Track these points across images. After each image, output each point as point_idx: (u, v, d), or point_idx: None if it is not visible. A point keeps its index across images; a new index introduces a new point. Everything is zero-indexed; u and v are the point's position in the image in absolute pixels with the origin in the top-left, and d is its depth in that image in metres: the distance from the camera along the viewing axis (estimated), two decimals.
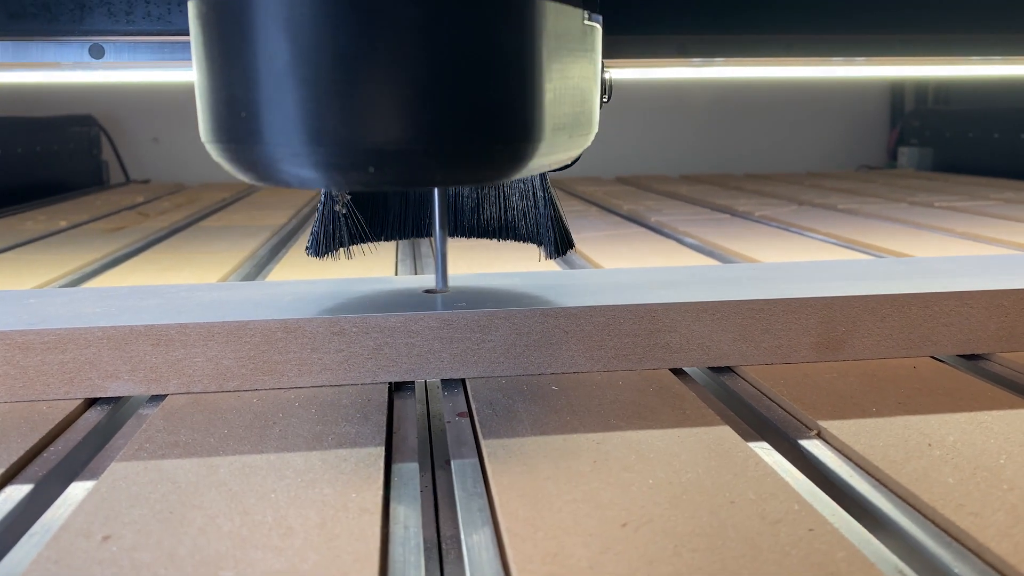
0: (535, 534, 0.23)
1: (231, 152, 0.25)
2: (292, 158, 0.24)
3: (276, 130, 0.24)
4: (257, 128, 0.24)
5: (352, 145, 0.24)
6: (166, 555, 0.22)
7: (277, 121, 0.24)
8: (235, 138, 0.25)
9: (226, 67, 0.24)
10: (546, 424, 0.31)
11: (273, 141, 0.24)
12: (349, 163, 0.24)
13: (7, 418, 0.33)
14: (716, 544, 0.23)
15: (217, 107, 0.25)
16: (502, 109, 0.25)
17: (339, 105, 0.23)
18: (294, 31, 0.23)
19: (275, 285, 0.42)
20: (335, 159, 0.24)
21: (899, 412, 0.32)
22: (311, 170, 0.24)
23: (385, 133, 0.24)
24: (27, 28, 0.52)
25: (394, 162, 0.24)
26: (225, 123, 0.25)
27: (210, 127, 0.26)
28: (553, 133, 0.27)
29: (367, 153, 0.24)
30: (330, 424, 0.31)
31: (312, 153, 0.24)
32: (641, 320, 0.37)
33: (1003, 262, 0.46)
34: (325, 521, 0.24)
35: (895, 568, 0.22)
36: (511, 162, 0.26)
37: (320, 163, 0.24)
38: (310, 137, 0.24)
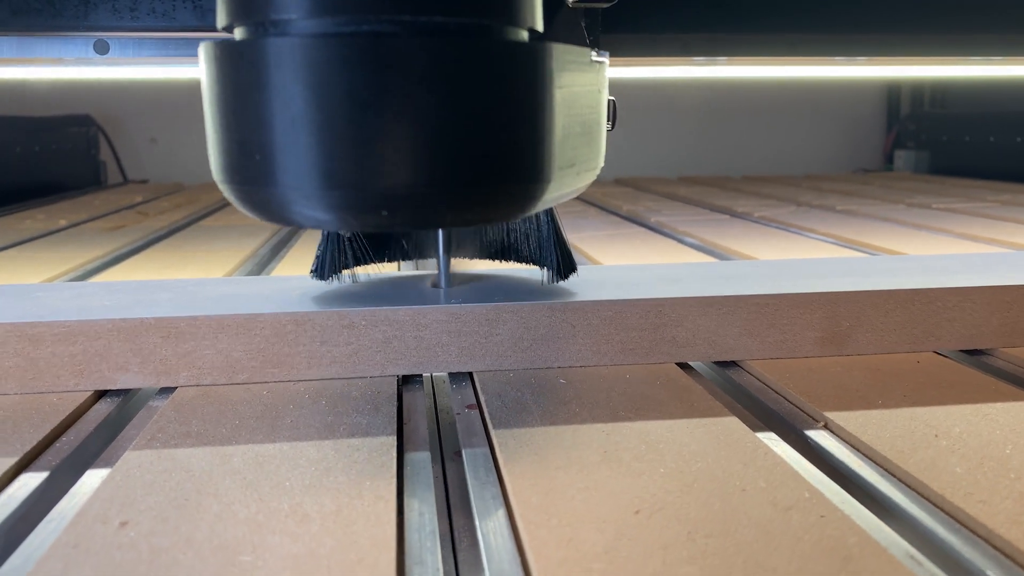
0: (549, 520, 0.23)
1: (244, 194, 0.26)
2: (305, 201, 0.25)
3: (290, 173, 0.24)
4: (270, 171, 0.24)
5: (365, 189, 0.24)
6: (184, 540, 0.23)
7: (291, 165, 0.24)
8: (248, 180, 0.25)
9: (240, 111, 0.25)
10: (555, 415, 0.31)
11: (286, 184, 0.24)
12: (362, 206, 0.25)
13: (18, 409, 0.33)
14: (729, 529, 0.23)
15: (230, 149, 0.25)
16: (512, 152, 0.25)
17: (353, 150, 0.24)
18: (309, 78, 0.23)
19: (283, 280, 0.42)
20: (348, 202, 0.24)
21: (904, 404, 0.32)
22: (324, 212, 0.25)
23: (398, 177, 0.24)
24: (31, 24, 0.52)
25: (406, 205, 0.25)
26: (238, 165, 0.25)
27: (223, 168, 0.26)
28: (562, 172, 0.27)
29: (380, 197, 0.24)
30: (341, 415, 0.32)
31: (325, 197, 0.24)
32: (648, 314, 0.37)
33: (1005, 259, 0.46)
34: (341, 508, 0.24)
35: (906, 553, 0.23)
36: (521, 202, 0.27)
37: (333, 206, 0.25)
38: (324, 181, 0.24)
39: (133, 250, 0.71)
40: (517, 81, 0.25)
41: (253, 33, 0.25)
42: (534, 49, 0.25)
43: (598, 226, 0.82)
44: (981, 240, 0.70)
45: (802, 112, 1.72)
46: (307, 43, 0.23)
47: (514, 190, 0.26)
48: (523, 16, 0.25)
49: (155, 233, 0.82)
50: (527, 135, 0.25)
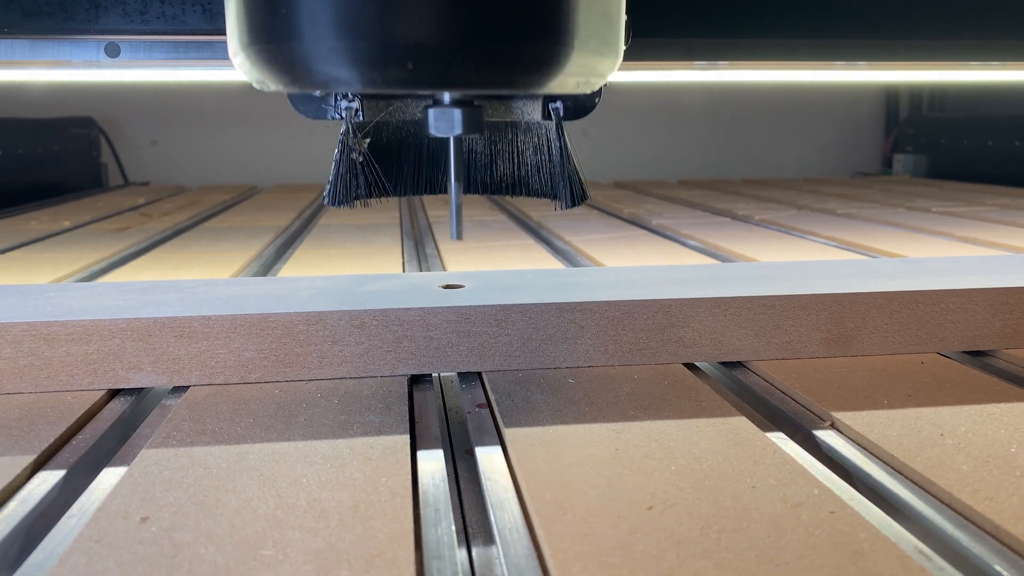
0: (564, 516, 0.24)
1: (268, 53, 0.25)
2: (330, 54, 0.24)
3: (315, 26, 0.24)
4: (296, 25, 0.24)
5: (390, 40, 0.24)
6: (205, 535, 0.23)
7: (316, 17, 0.24)
8: (273, 38, 0.25)
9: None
10: (565, 414, 0.32)
11: (312, 36, 0.24)
12: (386, 58, 0.24)
13: (34, 408, 0.33)
14: (741, 526, 0.23)
15: (255, 8, 0.25)
16: (538, 10, 0.25)
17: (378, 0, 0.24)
18: None
19: (294, 280, 0.42)
20: (373, 54, 0.24)
21: (910, 404, 0.33)
22: (349, 67, 0.24)
23: (422, 28, 0.24)
24: (42, 27, 0.53)
25: (430, 59, 0.24)
26: (262, 24, 0.25)
27: (245, 31, 0.26)
28: (584, 41, 0.27)
29: (405, 48, 0.24)
30: (354, 414, 0.32)
31: (350, 48, 0.24)
32: (655, 315, 0.38)
33: (1008, 262, 0.47)
34: (358, 504, 0.25)
35: (915, 548, 0.23)
36: (544, 65, 0.26)
37: (358, 59, 0.24)
38: (349, 31, 0.24)
39: (139, 251, 0.71)
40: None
41: None
42: None
43: (601, 229, 0.82)
44: (981, 243, 0.71)
45: (801, 116, 1.73)
46: None
47: (539, 51, 0.26)
48: None
49: (160, 234, 0.82)
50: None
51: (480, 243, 0.72)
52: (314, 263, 0.63)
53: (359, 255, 0.66)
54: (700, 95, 1.65)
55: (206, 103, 1.54)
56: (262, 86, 0.28)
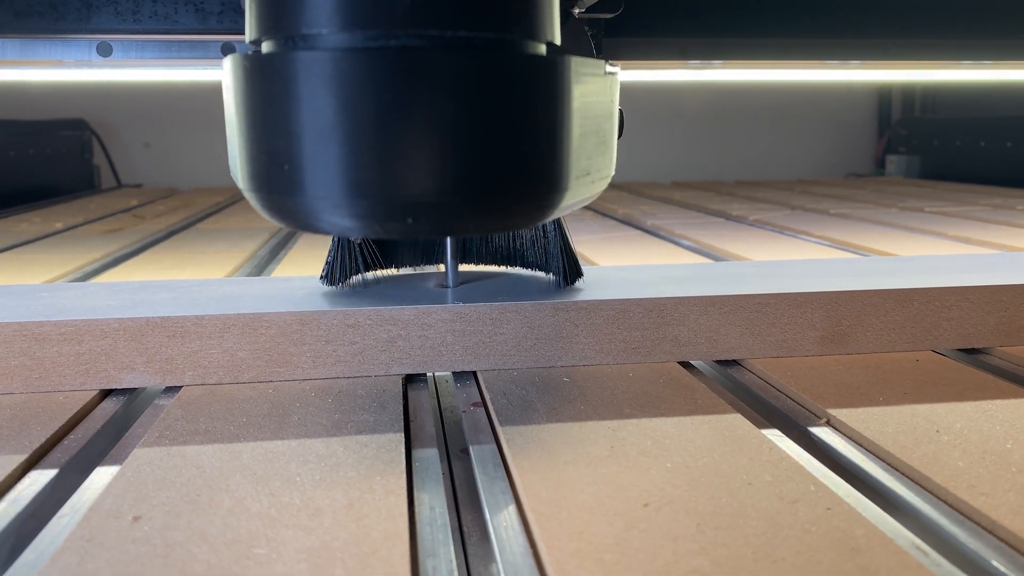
0: (559, 514, 0.24)
1: (272, 202, 0.26)
2: (333, 209, 0.25)
3: (318, 183, 0.25)
4: (299, 180, 0.25)
5: (392, 198, 0.25)
6: (198, 534, 0.23)
7: (319, 174, 0.25)
8: (277, 189, 0.25)
9: (269, 122, 0.25)
10: (561, 413, 0.32)
11: (315, 193, 0.25)
12: (388, 215, 0.25)
13: (25, 408, 0.33)
14: (738, 522, 0.23)
15: (259, 159, 0.26)
16: (533, 162, 0.26)
17: (380, 160, 0.24)
18: (338, 90, 0.24)
19: (287, 280, 0.42)
20: (375, 211, 0.25)
21: (905, 401, 0.33)
22: (351, 221, 0.25)
23: (423, 187, 0.25)
24: (33, 26, 0.52)
25: (431, 213, 0.25)
26: (266, 174, 0.26)
27: (250, 177, 0.26)
28: (578, 180, 0.28)
29: (406, 206, 0.25)
30: (348, 413, 0.32)
31: (353, 205, 0.25)
32: (650, 314, 0.38)
33: (1002, 260, 0.47)
34: (352, 502, 0.24)
35: (912, 544, 0.23)
36: (540, 210, 0.27)
37: (360, 215, 0.25)
38: (352, 190, 0.25)
39: (131, 252, 0.71)
40: (538, 93, 0.26)
41: (283, 46, 0.25)
42: (554, 62, 0.26)
43: (595, 229, 0.82)
44: (974, 242, 0.71)
45: (794, 117, 1.73)
46: (337, 57, 0.24)
47: (533, 198, 0.27)
48: (542, 31, 0.26)
49: (152, 236, 0.82)
50: (547, 145, 0.26)
51: None
52: (308, 264, 0.63)
53: None
54: (693, 97, 1.65)
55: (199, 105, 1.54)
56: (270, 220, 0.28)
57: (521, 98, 0.25)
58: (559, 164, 0.27)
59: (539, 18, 0.25)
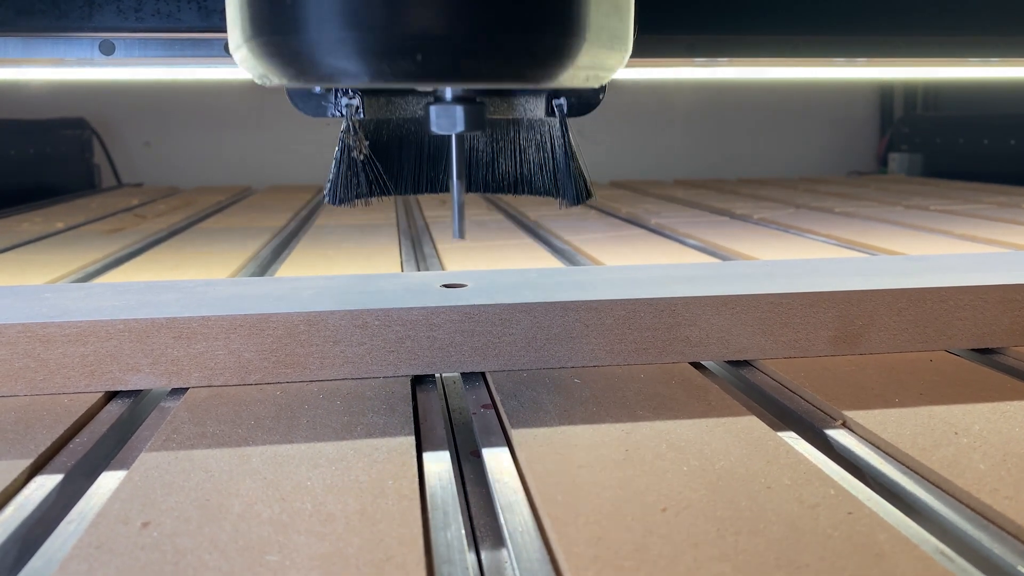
0: (576, 519, 0.23)
1: (272, 46, 0.24)
2: (337, 46, 0.24)
3: (322, 17, 0.23)
4: (302, 16, 0.24)
5: (399, 30, 0.23)
6: (208, 541, 0.22)
7: (322, 7, 0.23)
8: (278, 30, 0.24)
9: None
10: (573, 415, 0.31)
11: (318, 29, 0.24)
12: (395, 49, 0.24)
13: (30, 410, 0.33)
14: (758, 527, 0.23)
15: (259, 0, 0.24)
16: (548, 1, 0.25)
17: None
18: None
19: (293, 280, 0.42)
20: (381, 46, 0.24)
21: (921, 403, 0.32)
22: (356, 59, 0.24)
23: (432, 19, 0.23)
24: (35, 24, 0.52)
25: (440, 51, 0.24)
26: (267, 16, 0.24)
27: (249, 22, 0.25)
28: (595, 34, 0.27)
29: (413, 39, 0.24)
30: (357, 415, 0.31)
31: (358, 39, 0.23)
32: (661, 314, 0.37)
33: (1015, 259, 0.47)
34: (365, 507, 0.24)
35: (936, 549, 0.23)
36: (555, 58, 0.26)
37: (366, 50, 0.24)
38: (357, 22, 0.23)
39: (134, 252, 0.71)
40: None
41: None
42: None
43: (600, 228, 0.82)
44: (981, 241, 0.71)
45: (796, 116, 1.73)
46: None
47: (549, 43, 0.25)
48: None
49: (154, 235, 0.81)
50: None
51: (479, 242, 0.72)
52: (312, 263, 0.62)
53: (357, 255, 0.66)
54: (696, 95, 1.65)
55: (199, 104, 1.53)
56: (264, 80, 0.27)
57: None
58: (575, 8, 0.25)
59: None
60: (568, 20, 0.25)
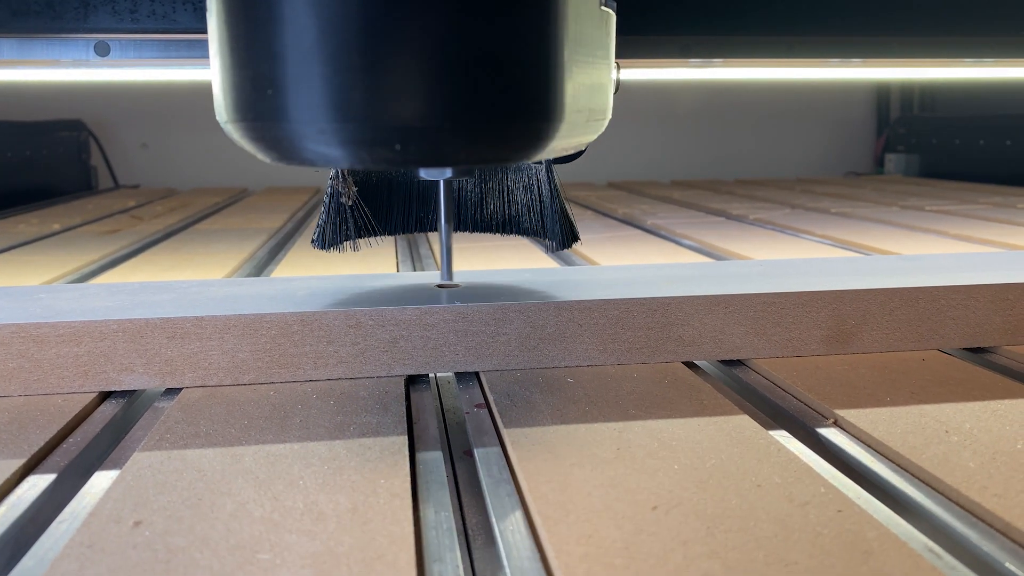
0: (567, 517, 0.23)
1: (256, 131, 0.25)
2: (318, 135, 0.24)
3: (303, 107, 0.24)
4: (283, 105, 0.24)
5: (379, 122, 0.24)
6: (199, 540, 0.22)
7: (304, 98, 0.24)
8: (260, 116, 0.25)
9: (252, 45, 0.24)
10: (566, 414, 0.31)
11: (300, 118, 0.24)
12: (375, 140, 0.24)
13: (23, 411, 0.33)
14: (748, 525, 0.23)
15: (242, 85, 0.25)
16: (525, 89, 0.25)
17: (366, 82, 0.23)
18: (322, 8, 0.23)
19: (287, 280, 0.42)
20: (361, 136, 0.24)
21: (913, 401, 0.33)
22: (337, 148, 0.24)
23: (411, 110, 0.24)
24: (30, 26, 0.52)
25: (419, 139, 0.24)
26: (250, 101, 0.25)
27: (233, 106, 0.25)
28: (572, 114, 0.27)
29: (393, 130, 0.24)
30: (350, 415, 0.32)
31: (339, 130, 0.24)
32: (654, 313, 0.37)
33: (1007, 258, 0.47)
34: (356, 506, 0.24)
35: (925, 547, 0.23)
36: (533, 141, 0.26)
37: (347, 140, 0.24)
38: (337, 114, 0.24)
39: (130, 253, 0.71)
40: (531, 16, 0.25)
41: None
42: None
43: (595, 228, 0.82)
44: (976, 241, 0.71)
45: (793, 116, 1.73)
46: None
47: (527, 128, 0.25)
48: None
49: (151, 237, 0.81)
50: (540, 72, 0.25)
51: (473, 243, 0.72)
52: (307, 264, 0.62)
53: (352, 255, 0.65)
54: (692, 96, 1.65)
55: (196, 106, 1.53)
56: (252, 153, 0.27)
57: (513, 20, 0.24)
58: (553, 92, 0.25)
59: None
60: (546, 107, 0.26)
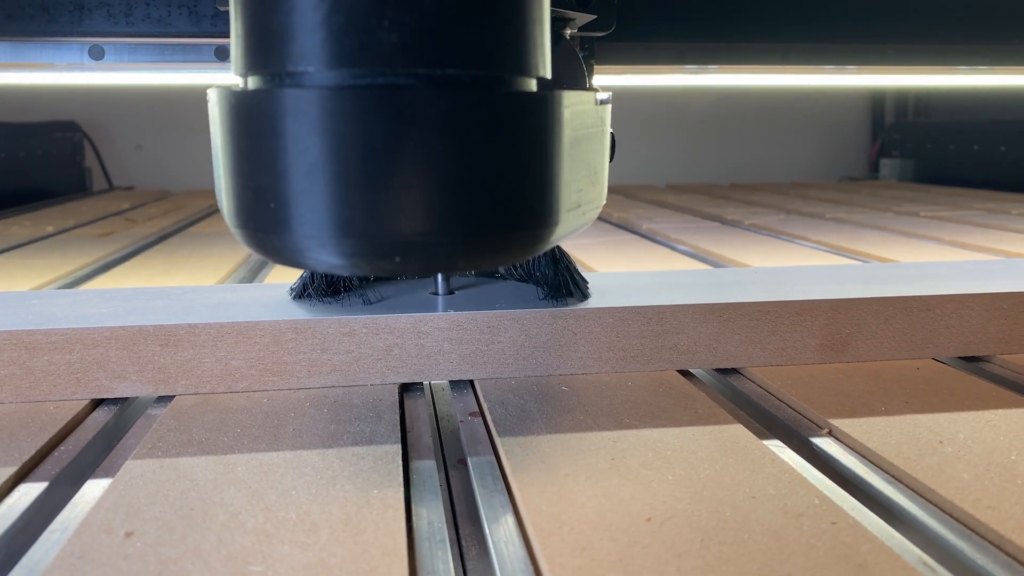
0: (560, 529, 0.23)
1: (259, 240, 0.26)
2: (320, 248, 0.25)
3: (305, 221, 0.24)
4: (286, 219, 0.24)
5: (380, 237, 0.24)
6: (191, 551, 0.22)
7: (306, 213, 0.24)
8: (263, 227, 0.25)
9: (255, 159, 0.24)
10: (560, 423, 0.31)
11: (302, 232, 0.24)
12: (376, 254, 0.25)
13: (15, 418, 0.32)
14: (742, 537, 0.23)
15: (244, 195, 0.25)
16: (522, 200, 0.26)
17: (368, 199, 0.24)
18: (325, 129, 0.23)
19: (282, 287, 0.42)
20: (362, 250, 0.25)
21: (907, 411, 0.33)
22: (338, 259, 0.25)
23: (411, 226, 0.24)
24: (25, 29, 0.52)
25: (419, 252, 0.25)
26: (253, 212, 0.25)
27: (237, 214, 0.26)
28: (568, 214, 0.28)
29: (393, 245, 0.24)
30: (344, 423, 0.31)
31: (340, 244, 0.24)
32: (649, 322, 0.37)
33: (1002, 266, 0.47)
34: (349, 517, 0.24)
35: (919, 559, 0.23)
36: (530, 246, 0.27)
37: (348, 253, 0.25)
38: (339, 229, 0.24)
39: (123, 256, 0.70)
40: (528, 131, 0.25)
41: (269, 83, 0.24)
42: (544, 98, 0.25)
43: (591, 233, 0.82)
44: (971, 247, 0.71)
45: (788, 121, 1.74)
46: (324, 95, 0.23)
47: (523, 236, 0.26)
48: (533, 66, 0.25)
49: (145, 239, 0.81)
50: (537, 182, 0.26)
51: None
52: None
53: None
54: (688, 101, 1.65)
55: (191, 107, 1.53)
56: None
57: (511, 136, 0.25)
58: (549, 200, 0.26)
59: (529, 53, 0.25)
60: (542, 214, 0.26)
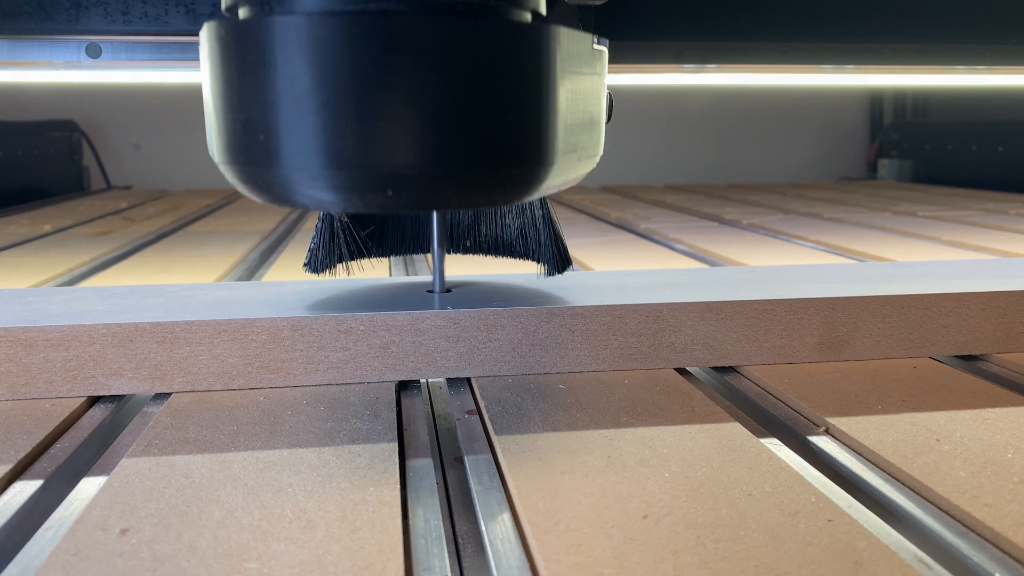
0: (557, 526, 0.23)
1: (247, 175, 0.25)
2: (311, 181, 0.24)
3: (295, 153, 0.24)
4: (276, 151, 0.24)
5: (371, 169, 0.24)
6: (187, 547, 0.22)
7: (296, 144, 0.24)
8: (252, 161, 0.25)
9: (245, 90, 0.24)
10: (557, 421, 0.31)
11: (292, 164, 0.24)
12: (367, 186, 0.24)
13: (10, 416, 0.32)
14: (738, 534, 0.23)
15: (234, 129, 0.25)
16: (517, 134, 0.25)
17: (358, 129, 0.23)
18: (315, 56, 0.23)
19: (278, 285, 0.42)
20: (353, 182, 0.24)
21: (904, 409, 0.33)
22: (329, 193, 0.24)
23: (402, 157, 0.24)
24: (22, 27, 0.52)
25: (411, 185, 0.24)
26: (242, 146, 0.25)
27: (225, 149, 0.25)
28: (564, 155, 0.27)
29: (385, 177, 0.24)
30: (340, 421, 0.31)
31: (331, 176, 0.24)
32: (646, 319, 0.37)
33: (999, 265, 0.47)
34: (345, 514, 0.24)
35: (915, 557, 0.23)
36: (525, 185, 0.26)
37: (338, 186, 0.24)
38: (329, 160, 0.24)
39: (121, 255, 0.70)
40: (522, 62, 0.25)
41: (258, 11, 0.24)
42: (539, 30, 0.25)
43: (589, 233, 0.82)
44: (968, 247, 0.71)
45: (786, 121, 1.74)
46: (313, 21, 0.23)
47: (517, 173, 0.25)
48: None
49: (143, 238, 0.81)
50: (531, 117, 0.25)
51: None
52: (298, 268, 0.62)
53: None
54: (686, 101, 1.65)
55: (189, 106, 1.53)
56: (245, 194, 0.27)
57: (504, 66, 0.24)
58: (544, 137, 0.26)
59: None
60: (537, 151, 0.26)
